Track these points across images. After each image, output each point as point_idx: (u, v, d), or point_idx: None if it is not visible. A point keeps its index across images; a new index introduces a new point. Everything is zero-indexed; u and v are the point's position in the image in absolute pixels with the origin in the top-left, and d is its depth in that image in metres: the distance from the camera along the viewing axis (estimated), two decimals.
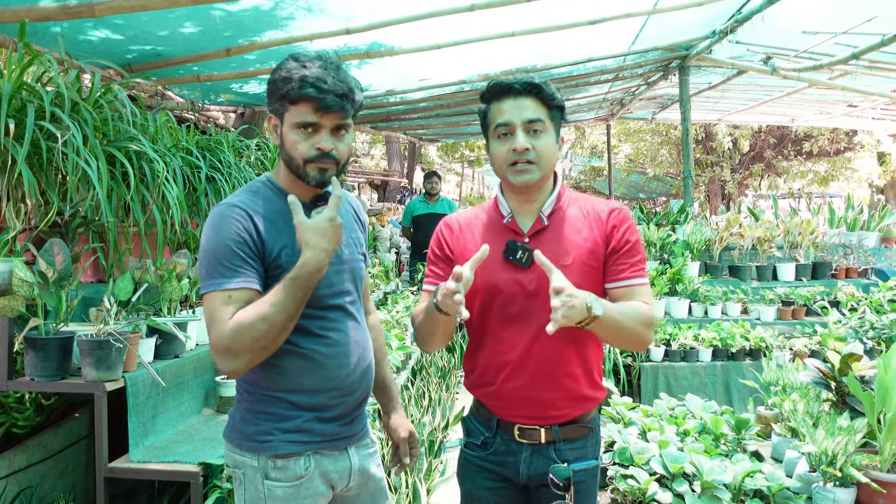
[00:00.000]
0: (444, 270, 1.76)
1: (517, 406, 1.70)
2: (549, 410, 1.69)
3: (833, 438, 2.57)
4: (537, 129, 1.64)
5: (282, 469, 1.58)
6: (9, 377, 2.32)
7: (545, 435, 1.70)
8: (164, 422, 2.60)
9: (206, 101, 5.95)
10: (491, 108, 1.70)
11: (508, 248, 1.68)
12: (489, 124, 1.70)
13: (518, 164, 1.64)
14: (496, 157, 1.68)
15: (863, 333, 4.48)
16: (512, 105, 1.65)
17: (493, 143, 1.69)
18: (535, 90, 1.65)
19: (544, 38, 5.23)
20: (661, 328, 5.22)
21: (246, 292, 1.48)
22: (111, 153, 2.57)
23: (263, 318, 1.43)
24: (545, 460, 1.69)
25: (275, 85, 1.55)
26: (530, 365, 1.67)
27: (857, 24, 5.37)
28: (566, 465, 1.65)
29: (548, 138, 1.66)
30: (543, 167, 1.65)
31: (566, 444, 1.71)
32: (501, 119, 1.65)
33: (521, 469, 1.71)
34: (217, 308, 1.47)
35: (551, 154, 1.67)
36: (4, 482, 2.42)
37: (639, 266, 1.69)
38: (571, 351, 1.68)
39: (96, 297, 2.63)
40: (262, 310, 1.44)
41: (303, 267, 1.46)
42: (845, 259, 6.29)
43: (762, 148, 17.19)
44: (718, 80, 8.53)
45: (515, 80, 1.65)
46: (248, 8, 3.78)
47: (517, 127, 1.63)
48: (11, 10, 2.99)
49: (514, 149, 1.63)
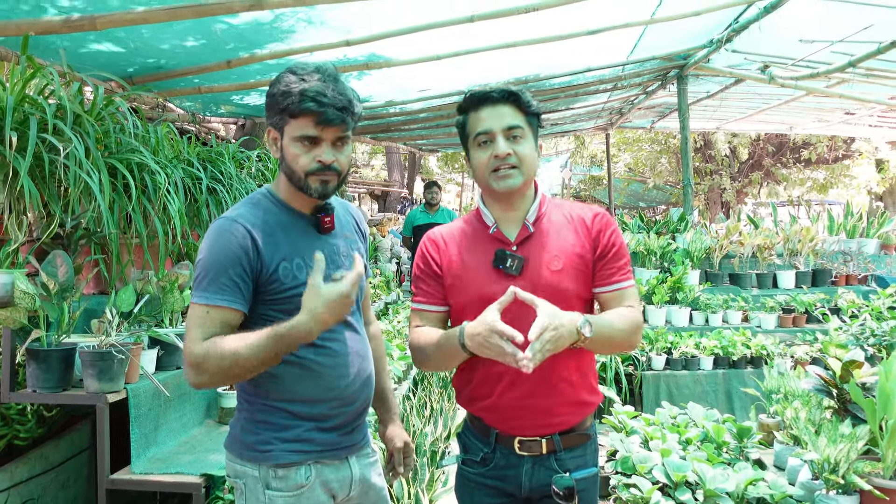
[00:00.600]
0: (432, 287, 1.76)
1: (516, 416, 1.69)
2: (548, 418, 1.68)
3: (835, 446, 2.57)
4: (517, 135, 1.65)
5: (282, 479, 1.58)
6: (11, 389, 2.32)
7: (546, 446, 1.68)
8: (166, 433, 2.60)
9: (207, 113, 5.98)
10: (469, 117, 1.70)
11: (497, 258, 1.67)
12: (469, 134, 1.70)
13: (500, 170, 1.64)
14: (478, 165, 1.69)
15: (864, 340, 4.48)
16: (490, 113, 1.65)
17: (474, 152, 1.69)
18: (513, 97, 1.66)
19: (543, 48, 5.26)
20: (663, 337, 5.22)
21: (224, 312, 1.51)
22: (113, 165, 2.58)
23: (235, 354, 1.44)
24: (547, 471, 1.68)
25: (274, 99, 1.56)
26: (528, 374, 1.66)
27: (854, 33, 5.40)
28: (568, 475, 1.65)
29: (528, 144, 1.67)
30: (526, 172, 1.66)
31: (567, 454, 1.70)
32: (481, 127, 1.66)
33: (523, 482, 1.69)
34: (194, 320, 1.51)
35: (532, 159, 1.68)
36: (6, 494, 2.42)
37: (626, 269, 1.71)
38: (568, 357, 1.66)
39: (98, 308, 2.63)
40: (237, 347, 1.45)
41: (293, 329, 1.44)
42: (845, 266, 6.29)
43: (761, 156, 17.23)
44: (716, 88, 8.57)
45: (492, 88, 1.67)
46: (249, 21, 3.80)
47: (497, 134, 1.64)
48: (14, 24, 3.02)
49: (495, 155, 1.64)
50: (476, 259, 1.71)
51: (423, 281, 1.77)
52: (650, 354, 5.08)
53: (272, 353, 1.46)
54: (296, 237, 1.62)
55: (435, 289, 1.76)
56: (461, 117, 1.72)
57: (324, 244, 1.66)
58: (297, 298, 1.56)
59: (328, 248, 1.67)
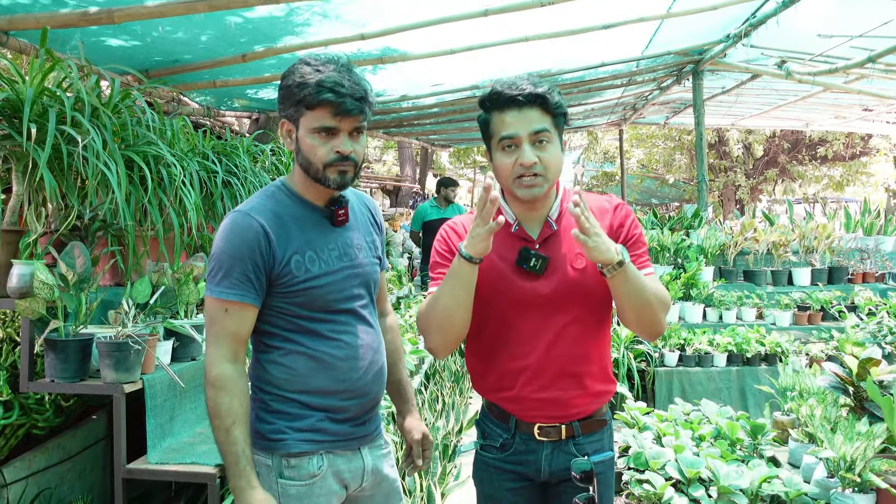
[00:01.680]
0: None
1: (537, 407, 1.70)
2: (568, 409, 1.70)
3: (852, 444, 2.55)
4: (543, 139, 1.61)
5: (295, 468, 1.59)
6: (29, 378, 2.35)
7: (565, 431, 1.70)
8: (181, 423, 2.62)
9: (221, 107, 6.01)
10: (493, 117, 1.64)
11: (521, 257, 1.66)
12: (492, 135, 1.65)
13: (525, 178, 1.61)
14: (501, 169, 1.64)
15: (881, 338, 4.44)
16: (516, 117, 1.60)
17: (498, 155, 1.64)
18: (540, 100, 1.60)
19: (558, 42, 5.23)
20: (676, 333, 5.19)
21: (241, 307, 1.55)
22: (130, 157, 2.60)
23: (215, 416, 1.53)
24: (566, 456, 1.70)
25: (289, 90, 1.56)
26: (550, 368, 1.67)
27: (874, 28, 5.33)
28: (586, 458, 1.67)
29: (554, 148, 1.63)
30: (551, 178, 1.63)
31: (585, 438, 1.72)
32: (506, 132, 1.61)
33: (543, 467, 1.71)
34: (213, 325, 1.56)
35: (557, 163, 1.64)
36: (24, 483, 2.45)
37: (645, 257, 1.71)
38: (588, 349, 1.69)
39: (115, 299, 2.66)
40: (219, 416, 1.52)
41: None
42: (862, 264, 6.22)
43: (776, 153, 17.06)
44: (732, 84, 8.49)
45: (519, 91, 1.59)
46: (265, 14, 3.81)
47: (523, 140, 1.60)
48: (33, 18, 3.04)
49: (521, 163, 1.60)
50: (498, 256, 1.69)
51: (441, 266, 1.74)
52: (663, 351, 5.06)
53: (222, 455, 1.56)
54: (309, 230, 1.62)
55: None
56: (484, 115, 1.67)
57: (338, 237, 1.67)
58: (309, 291, 1.58)
59: (341, 240, 1.67)
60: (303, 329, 1.61)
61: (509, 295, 1.67)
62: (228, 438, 1.51)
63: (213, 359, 1.54)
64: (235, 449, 1.51)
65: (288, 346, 1.61)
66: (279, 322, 1.61)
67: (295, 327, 1.61)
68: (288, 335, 1.61)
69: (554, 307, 1.66)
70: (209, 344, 1.57)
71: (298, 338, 1.61)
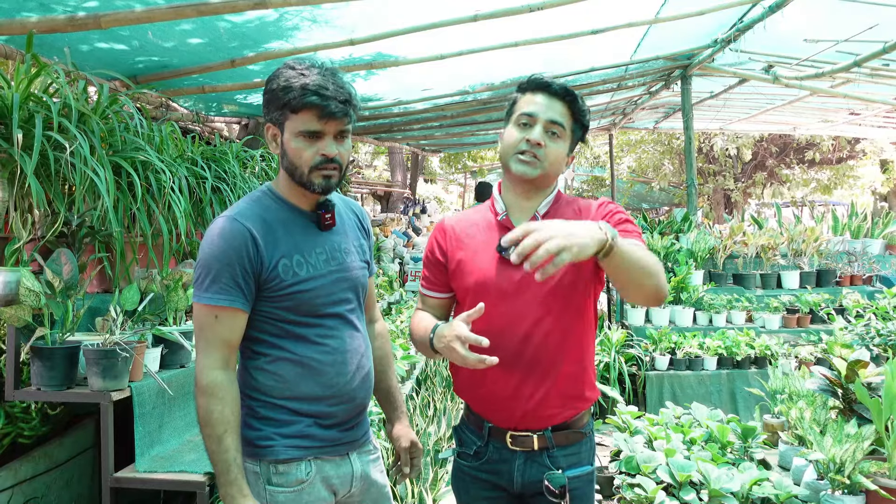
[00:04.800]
0: (434, 274, 1.81)
1: (508, 406, 1.67)
2: (540, 410, 1.66)
3: (841, 446, 2.56)
4: (556, 132, 1.67)
5: (283, 474, 1.59)
6: (15, 387, 2.32)
7: (538, 441, 1.67)
8: (170, 431, 2.60)
9: (210, 113, 5.98)
10: (522, 98, 1.72)
11: (500, 245, 1.67)
12: (514, 111, 1.72)
13: (524, 154, 1.66)
14: (508, 140, 1.70)
15: (869, 340, 4.47)
16: (543, 101, 1.67)
17: (510, 128, 1.71)
18: (570, 98, 1.69)
19: (547, 47, 5.26)
20: (666, 337, 5.21)
21: (231, 313, 1.54)
22: (118, 163, 2.58)
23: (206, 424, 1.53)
24: (539, 468, 1.67)
25: (274, 94, 1.56)
26: (522, 361, 1.64)
27: (859, 32, 5.38)
28: (561, 472, 1.64)
29: (561, 145, 1.68)
30: (546, 168, 1.67)
31: (560, 451, 1.69)
32: (527, 109, 1.68)
33: (515, 477, 1.69)
34: (202, 331, 1.55)
35: (558, 162, 1.68)
36: (10, 492, 2.42)
37: (635, 234, 1.63)
38: (564, 348, 1.66)
39: (102, 306, 2.63)
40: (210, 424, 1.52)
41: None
42: (850, 266, 6.27)
43: (764, 157, 17.18)
44: (720, 89, 8.55)
45: (555, 80, 1.69)
46: (253, 19, 3.80)
47: (539, 121, 1.66)
48: (19, 22, 3.02)
49: (527, 139, 1.65)
50: (481, 245, 1.72)
51: (426, 267, 1.84)
52: (654, 354, 5.07)
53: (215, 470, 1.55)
54: (296, 234, 1.62)
55: (436, 276, 1.80)
56: (516, 94, 1.75)
57: (325, 241, 1.67)
58: (297, 295, 1.57)
59: (329, 244, 1.67)
60: (290, 334, 1.60)
61: (486, 282, 1.68)
62: (220, 447, 1.50)
63: (203, 366, 1.53)
64: (227, 457, 1.50)
65: (275, 353, 1.60)
66: (267, 327, 1.60)
67: (282, 332, 1.60)
68: (275, 341, 1.61)
69: (529, 298, 1.64)
70: (199, 351, 1.56)
71: (286, 343, 1.60)
